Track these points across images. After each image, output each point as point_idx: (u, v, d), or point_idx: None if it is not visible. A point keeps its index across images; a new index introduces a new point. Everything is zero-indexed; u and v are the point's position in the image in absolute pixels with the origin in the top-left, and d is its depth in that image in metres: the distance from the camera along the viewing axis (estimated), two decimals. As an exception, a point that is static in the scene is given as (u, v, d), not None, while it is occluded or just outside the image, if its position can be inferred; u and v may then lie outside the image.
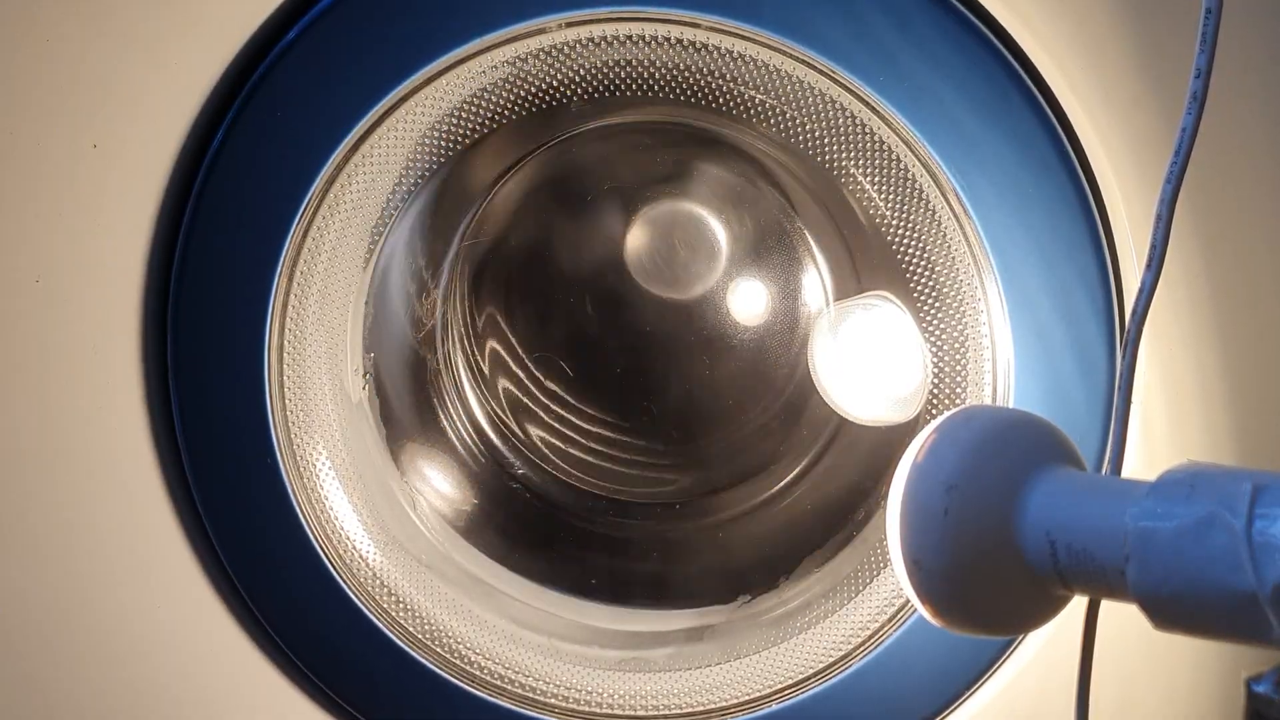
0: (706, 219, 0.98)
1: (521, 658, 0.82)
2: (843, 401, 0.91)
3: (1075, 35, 0.70)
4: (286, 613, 0.78)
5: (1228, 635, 0.49)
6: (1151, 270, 0.59)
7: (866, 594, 0.79)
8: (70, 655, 0.77)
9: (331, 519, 0.79)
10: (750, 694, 0.80)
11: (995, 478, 0.54)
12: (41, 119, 0.71)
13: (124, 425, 0.75)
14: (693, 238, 0.98)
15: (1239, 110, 0.70)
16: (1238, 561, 0.46)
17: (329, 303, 0.78)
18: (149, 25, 0.71)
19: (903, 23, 0.70)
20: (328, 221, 0.76)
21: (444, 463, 0.95)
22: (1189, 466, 0.50)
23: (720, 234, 0.98)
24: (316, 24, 0.72)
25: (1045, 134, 0.71)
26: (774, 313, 0.98)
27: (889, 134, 0.73)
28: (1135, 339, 0.60)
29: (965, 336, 0.76)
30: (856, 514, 0.88)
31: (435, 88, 0.74)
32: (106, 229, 0.73)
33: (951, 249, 0.74)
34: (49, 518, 0.75)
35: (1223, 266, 0.72)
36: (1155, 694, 0.77)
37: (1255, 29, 0.69)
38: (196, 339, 0.75)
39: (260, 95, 0.72)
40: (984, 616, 0.56)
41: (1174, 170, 0.58)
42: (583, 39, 0.74)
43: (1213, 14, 0.57)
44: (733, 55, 0.73)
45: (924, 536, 0.54)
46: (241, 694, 0.79)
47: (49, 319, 0.73)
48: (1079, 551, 0.51)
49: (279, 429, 0.77)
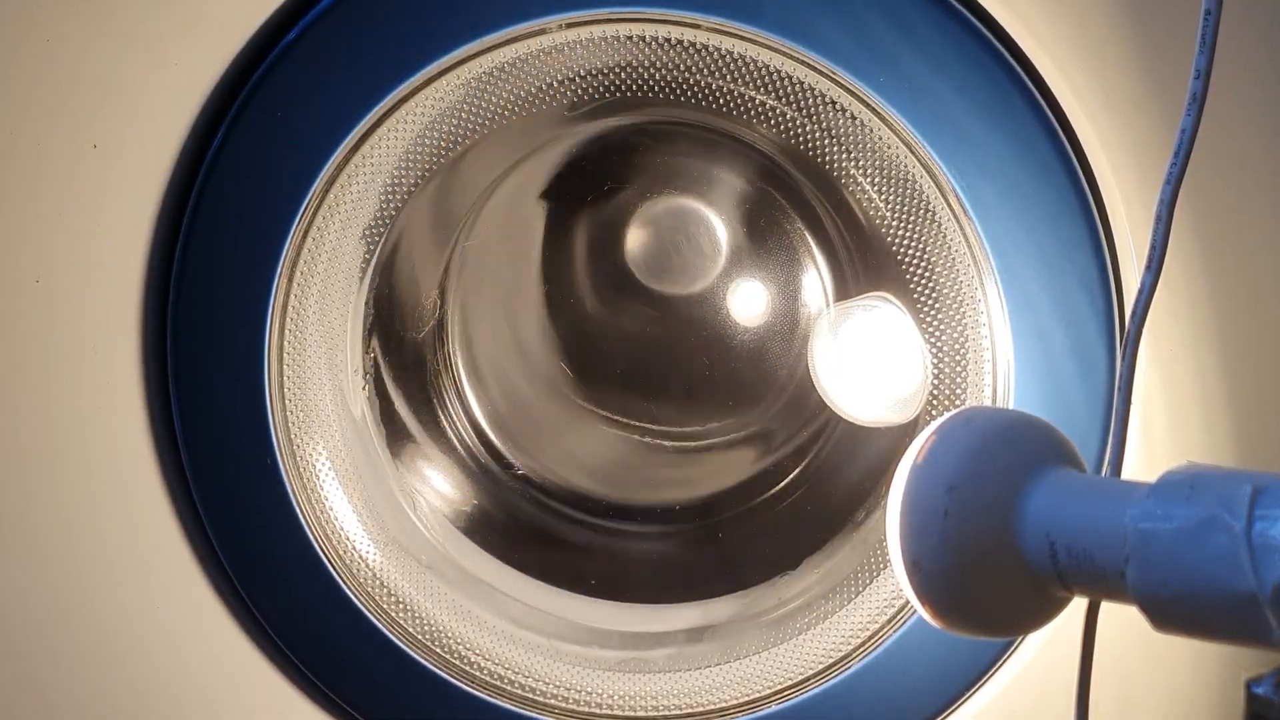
0: (707, 220, 0.98)
1: (521, 658, 0.82)
2: (842, 402, 0.91)
3: (1075, 36, 0.70)
4: (286, 613, 0.78)
5: (1227, 637, 0.49)
6: (1151, 271, 0.59)
7: (866, 595, 0.79)
8: (70, 655, 0.77)
9: (331, 519, 0.79)
10: (750, 695, 0.80)
11: (995, 479, 0.54)
12: (41, 119, 0.71)
13: (124, 425, 0.75)
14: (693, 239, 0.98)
15: (1239, 111, 0.70)
16: (1237, 563, 0.46)
17: (329, 303, 0.78)
18: (149, 25, 0.71)
19: (903, 24, 0.70)
20: (328, 222, 0.76)
21: (444, 463, 0.95)
22: (1189, 468, 0.50)
23: (721, 235, 0.98)
24: (316, 25, 0.72)
25: (1045, 135, 0.71)
26: (774, 313, 0.98)
27: (889, 135, 0.73)
28: (1135, 340, 0.60)
29: (965, 338, 0.76)
30: (856, 515, 0.88)
31: (435, 88, 0.74)
32: (106, 229, 0.73)
33: (951, 250, 0.74)
34: (49, 518, 0.75)
35: (1222, 267, 0.72)
36: (1155, 695, 0.77)
37: (1255, 31, 0.69)
38: (196, 339, 0.75)
39: (260, 96, 0.72)
40: (984, 618, 0.56)
41: (1174, 171, 0.58)
42: (583, 40, 0.74)
43: (1212, 15, 0.57)
44: (733, 56, 0.73)
45: (924, 538, 0.54)
46: (241, 694, 0.79)
47: (49, 319, 0.73)
48: (1079, 553, 0.51)
49: (279, 429, 0.77)
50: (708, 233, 0.98)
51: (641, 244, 0.98)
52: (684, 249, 0.98)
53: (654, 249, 0.98)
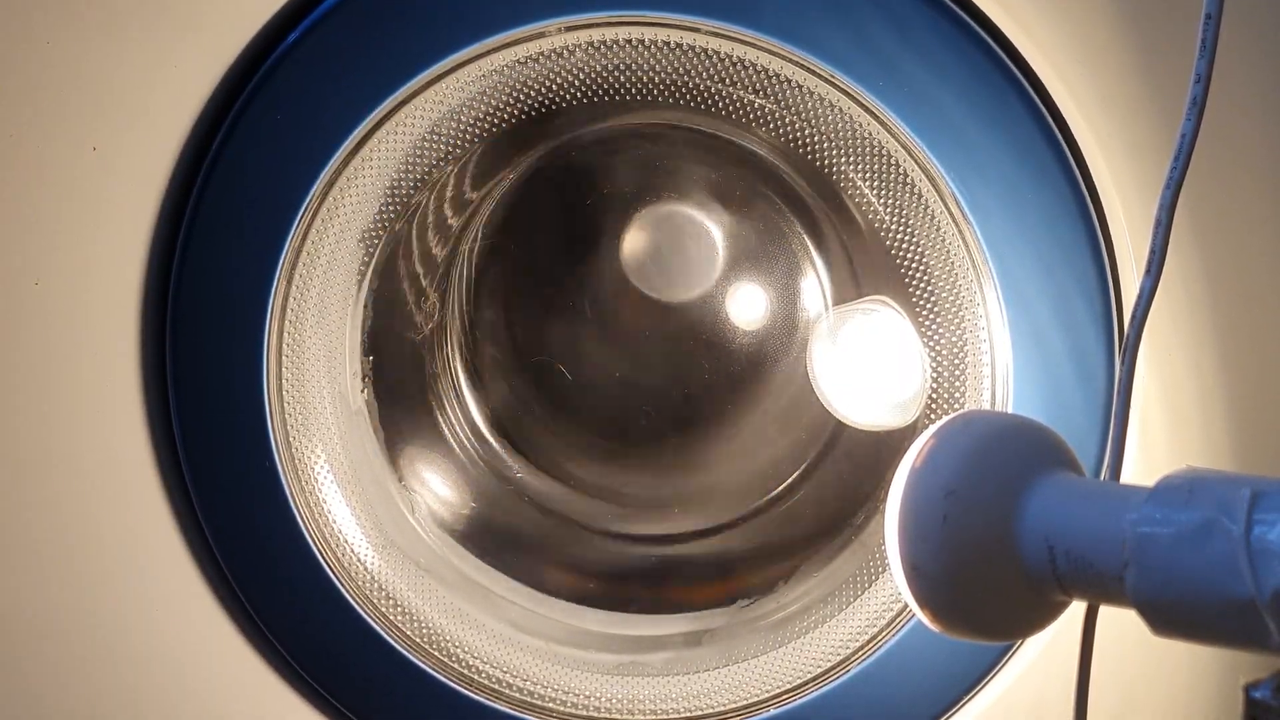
0: (706, 223, 0.98)
1: (519, 662, 0.81)
2: (841, 406, 0.91)
3: (1074, 41, 0.70)
4: (284, 616, 0.78)
5: (1226, 641, 0.49)
6: (1150, 276, 0.59)
7: (865, 599, 0.79)
8: (65, 658, 0.77)
9: (330, 523, 0.79)
10: (748, 699, 0.80)
11: (994, 483, 0.54)
12: (42, 121, 0.71)
13: (122, 428, 0.75)
14: (692, 242, 0.98)
15: (1238, 116, 0.70)
16: (1236, 568, 0.46)
17: (328, 306, 0.78)
18: (149, 28, 0.71)
19: (902, 28, 0.70)
20: (327, 225, 0.76)
21: (442, 467, 0.95)
22: (1187, 472, 0.50)
23: (719, 239, 0.98)
24: (317, 27, 0.72)
25: (1044, 139, 0.71)
26: (773, 317, 0.98)
27: (888, 139, 0.73)
28: (1134, 344, 0.60)
29: (964, 341, 0.76)
30: (855, 518, 0.88)
31: (435, 91, 0.74)
32: (106, 232, 0.73)
33: (950, 254, 0.74)
34: (47, 520, 0.75)
35: (1222, 272, 0.72)
36: (1153, 699, 0.77)
37: (1255, 35, 0.69)
38: (195, 342, 0.75)
39: (261, 98, 0.72)
40: (982, 622, 0.56)
41: (1173, 176, 0.58)
42: (582, 43, 0.74)
43: (1212, 20, 0.57)
44: (732, 60, 0.73)
45: (922, 542, 0.54)
46: (240, 698, 0.79)
47: (48, 321, 0.73)
48: (1078, 557, 0.51)
49: (277, 433, 0.77)
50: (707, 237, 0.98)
51: (640, 248, 0.98)
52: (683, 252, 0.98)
53: (653, 252, 0.98)
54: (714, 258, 0.98)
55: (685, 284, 0.98)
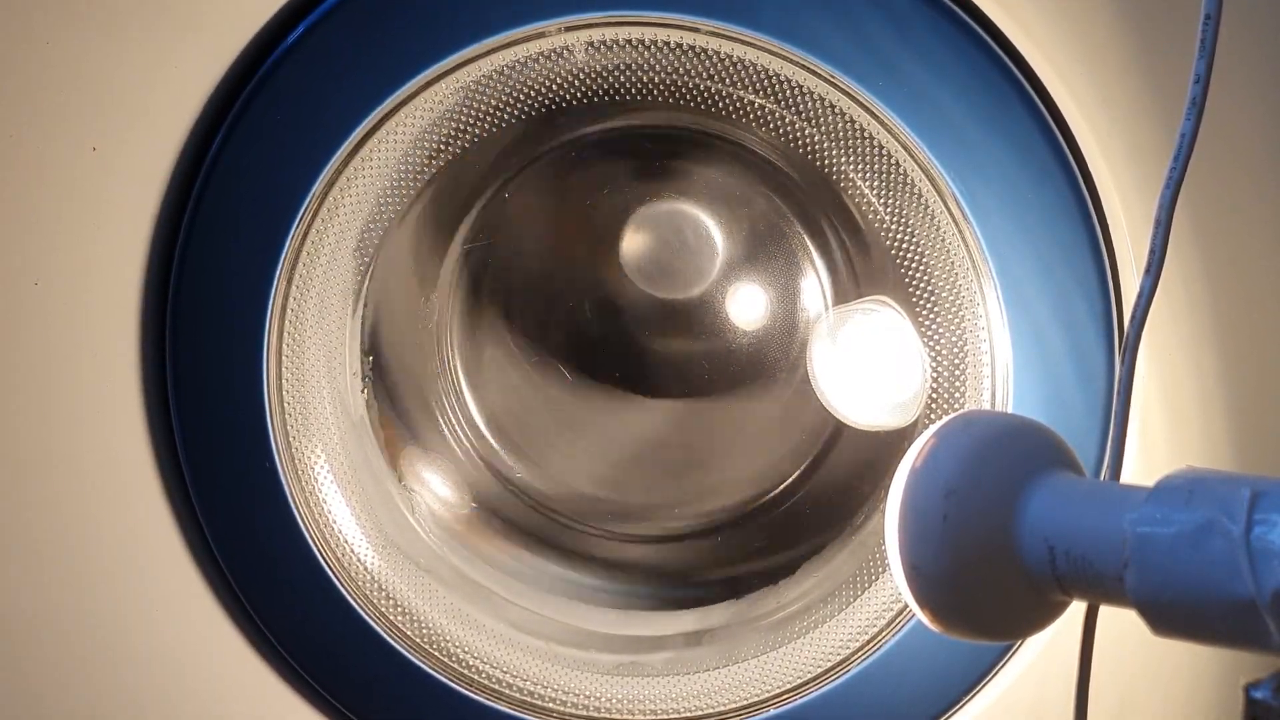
0: (706, 223, 0.98)
1: (519, 662, 0.81)
2: (841, 406, 0.91)
3: (1074, 41, 0.70)
4: (284, 616, 0.78)
5: (1226, 641, 0.49)
6: (1150, 275, 0.59)
7: (865, 599, 0.79)
8: (65, 658, 0.77)
9: (330, 523, 0.79)
10: (748, 699, 0.80)
11: (994, 483, 0.54)
12: (41, 121, 0.71)
13: (122, 428, 0.75)
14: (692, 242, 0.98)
15: (1238, 116, 0.70)
16: (1236, 568, 0.46)
17: (328, 306, 0.78)
18: (149, 28, 0.71)
19: (902, 28, 0.70)
20: (327, 225, 0.76)
21: (442, 467, 0.95)
22: (1187, 472, 0.50)
23: (719, 238, 0.98)
24: (316, 28, 0.72)
25: (1044, 139, 0.71)
26: (773, 317, 0.98)
27: (888, 139, 0.73)
28: (1134, 344, 0.60)
29: (964, 341, 0.76)
30: (855, 518, 0.88)
31: (435, 91, 0.74)
32: (106, 232, 0.73)
33: (950, 254, 0.74)
34: (47, 521, 0.75)
35: (1222, 272, 0.72)
36: (1153, 699, 0.77)
37: (1254, 35, 0.69)
38: (195, 342, 0.75)
39: (260, 98, 0.72)
40: (982, 622, 0.56)
41: (1173, 175, 0.58)
42: (582, 43, 0.74)
43: (1211, 20, 0.57)
44: (732, 59, 0.73)
45: (922, 542, 0.54)
46: (240, 698, 0.79)
47: (48, 321, 0.73)
48: (1077, 557, 0.51)
49: (277, 433, 0.77)
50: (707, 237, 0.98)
51: (640, 247, 0.98)
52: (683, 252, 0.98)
53: (652, 252, 0.98)
54: (714, 258, 0.98)
55: (685, 284, 0.98)
